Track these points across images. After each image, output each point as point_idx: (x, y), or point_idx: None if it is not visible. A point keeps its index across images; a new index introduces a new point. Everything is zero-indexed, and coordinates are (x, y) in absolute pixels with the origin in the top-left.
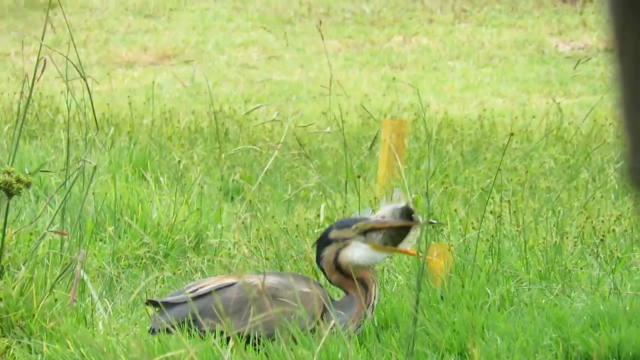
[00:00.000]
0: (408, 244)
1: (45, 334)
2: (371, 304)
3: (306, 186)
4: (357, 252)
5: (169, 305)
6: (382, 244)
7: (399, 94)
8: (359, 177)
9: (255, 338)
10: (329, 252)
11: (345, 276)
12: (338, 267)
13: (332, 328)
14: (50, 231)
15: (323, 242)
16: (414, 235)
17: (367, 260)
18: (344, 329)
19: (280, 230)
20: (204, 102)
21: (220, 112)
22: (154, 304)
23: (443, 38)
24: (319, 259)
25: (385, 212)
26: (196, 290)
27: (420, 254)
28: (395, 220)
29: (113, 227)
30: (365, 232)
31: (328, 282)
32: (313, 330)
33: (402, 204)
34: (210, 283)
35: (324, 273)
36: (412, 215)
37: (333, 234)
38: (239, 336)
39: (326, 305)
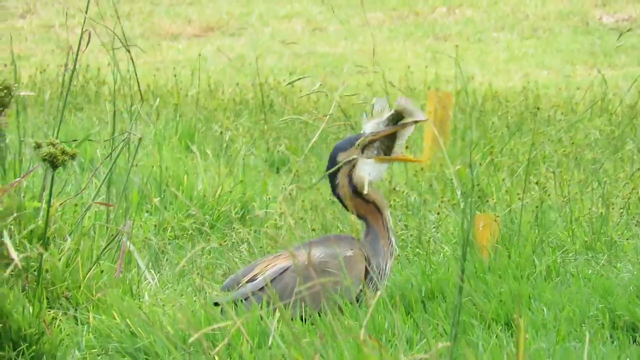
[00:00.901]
0: (399, 148)
1: (91, 305)
2: (389, 228)
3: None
4: (367, 169)
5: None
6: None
7: (443, 65)
8: (407, 147)
9: (304, 312)
10: (342, 176)
11: (362, 199)
12: (354, 190)
13: (378, 296)
14: (95, 202)
15: (333, 168)
16: (404, 138)
17: (378, 175)
18: (381, 277)
19: (325, 201)
20: (248, 75)
21: (265, 84)
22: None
23: (487, 9)
24: (334, 188)
25: (370, 127)
26: (253, 278)
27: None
28: (387, 128)
29: (159, 199)
30: (363, 149)
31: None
32: (359, 296)
33: (387, 115)
34: (264, 268)
35: (341, 202)
36: (400, 119)
37: (341, 157)
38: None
39: (368, 268)
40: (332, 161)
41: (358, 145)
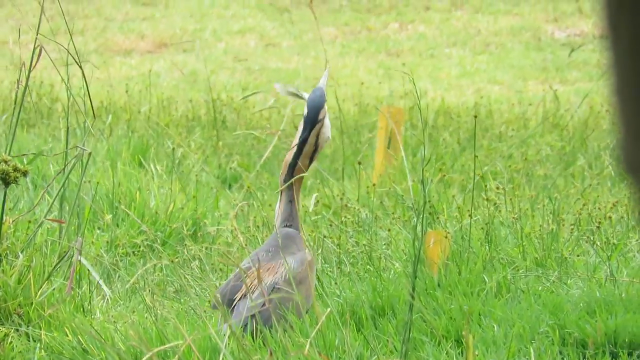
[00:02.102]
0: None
1: (43, 322)
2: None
3: (303, 174)
4: (328, 129)
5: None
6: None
7: (395, 81)
8: (359, 163)
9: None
10: (312, 136)
11: (310, 161)
12: (315, 151)
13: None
14: (47, 219)
15: (313, 125)
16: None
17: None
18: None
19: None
20: (201, 90)
21: (218, 100)
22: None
23: (439, 25)
24: (299, 151)
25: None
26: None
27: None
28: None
29: (111, 216)
30: None
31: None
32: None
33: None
34: (252, 284)
35: (292, 167)
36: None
37: (321, 115)
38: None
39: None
40: (313, 120)
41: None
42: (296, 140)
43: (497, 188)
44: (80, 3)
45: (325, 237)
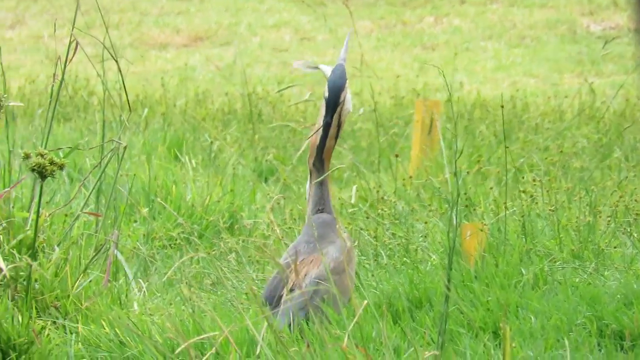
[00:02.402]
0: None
1: (80, 315)
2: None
3: (340, 167)
4: (350, 103)
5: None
6: None
7: (431, 74)
8: (397, 156)
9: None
10: (335, 117)
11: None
12: (339, 129)
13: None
14: (84, 212)
15: (335, 108)
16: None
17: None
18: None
19: None
20: (237, 84)
21: (254, 94)
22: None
23: (475, 18)
24: (325, 133)
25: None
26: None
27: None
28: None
29: (147, 209)
30: None
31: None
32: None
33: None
34: (299, 275)
35: (320, 150)
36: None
37: (342, 97)
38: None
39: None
40: (335, 103)
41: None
42: (320, 122)
43: (534, 180)
44: None
45: (362, 229)
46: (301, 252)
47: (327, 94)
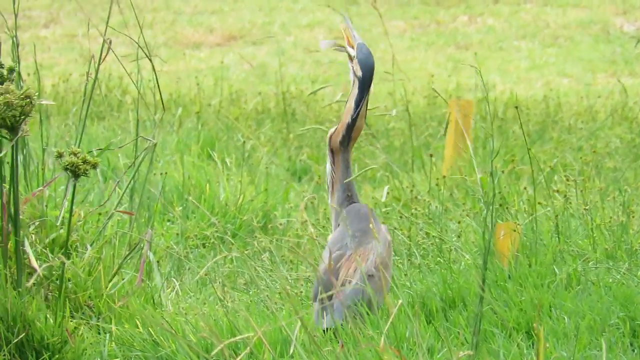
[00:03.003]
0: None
1: (113, 314)
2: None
3: (373, 167)
4: None
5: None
6: None
7: (464, 74)
8: (431, 155)
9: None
10: (364, 105)
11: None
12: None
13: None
14: (117, 211)
15: (369, 85)
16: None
17: None
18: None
19: None
20: (271, 83)
21: (287, 93)
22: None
23: (508, 18)
24: (355, 117)
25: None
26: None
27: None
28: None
29: (181, 208)
30: None
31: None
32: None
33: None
34: (347, 272)
35: (348, 135)
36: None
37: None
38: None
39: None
40: (369, 81)
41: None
42: (351, 102)
43: (567, 179)
44: None
45: (395, 229)
46: (348, 247)
47: (360, 72)
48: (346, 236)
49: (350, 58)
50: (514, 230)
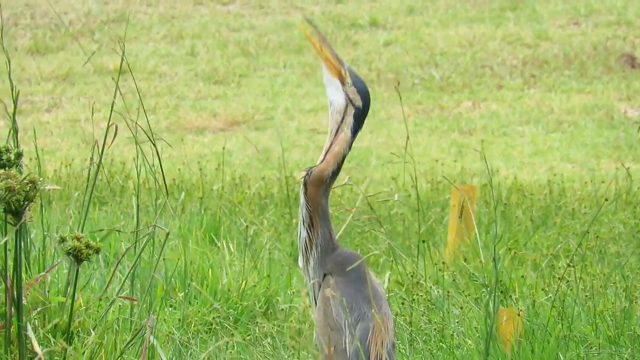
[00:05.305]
0: None
1: None
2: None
3: (375, 253)
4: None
5: None
6: None
7: (468, 159)
8: (424, 241)
9: None
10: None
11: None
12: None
13: None
14: (119, 297)
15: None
16: None
17: None
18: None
19: None
20: (274, 168)
21: (291, 178)
22: None
23: (512, 103)
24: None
25: None
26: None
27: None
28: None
29: (183, 293)
30: None
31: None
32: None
33: None
34: (379, 346)
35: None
36: None
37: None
38: None
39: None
40: (367, 109)
41: None
42: (346, 130)
43: (568, 265)
44: (152, 81)
45: (397, 314)
46: (369, 317)
47: (360, 103)
48: (359, 301)
49: (340, 78)
50: (518, 315)
